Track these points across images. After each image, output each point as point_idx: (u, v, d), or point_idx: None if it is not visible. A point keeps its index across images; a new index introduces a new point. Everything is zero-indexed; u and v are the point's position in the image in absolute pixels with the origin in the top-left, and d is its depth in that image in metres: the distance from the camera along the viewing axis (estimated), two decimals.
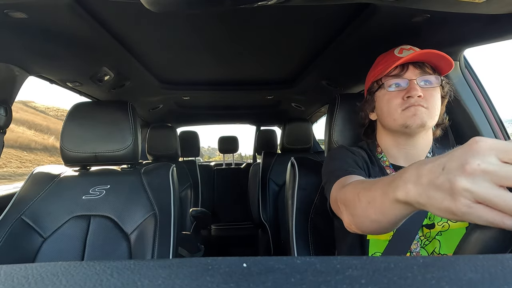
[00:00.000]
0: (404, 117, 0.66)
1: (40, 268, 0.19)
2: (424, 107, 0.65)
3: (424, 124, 0.65)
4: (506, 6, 0.55)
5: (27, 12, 0.67)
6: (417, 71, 0.67)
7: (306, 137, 1.86)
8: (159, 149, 1.88)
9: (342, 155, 0.71)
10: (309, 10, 0.79)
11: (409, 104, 0.65)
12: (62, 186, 0.96)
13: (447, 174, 0.31)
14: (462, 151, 0.30)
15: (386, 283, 0.17)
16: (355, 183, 0.52)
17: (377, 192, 0.42)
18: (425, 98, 0.65)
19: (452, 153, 0.32)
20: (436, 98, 0.67)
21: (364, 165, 0.69)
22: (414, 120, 0.65)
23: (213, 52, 1.12)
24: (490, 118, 0.91)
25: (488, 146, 0.28)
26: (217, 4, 0.43)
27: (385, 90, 0.70)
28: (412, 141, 0.69)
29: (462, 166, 0.29)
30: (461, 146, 0.31)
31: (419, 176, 0.34)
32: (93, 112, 0.99)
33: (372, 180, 0.47)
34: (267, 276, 0.18)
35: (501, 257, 0.19)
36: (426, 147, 0.70)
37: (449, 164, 0.31)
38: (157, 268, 0.19)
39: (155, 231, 0.88)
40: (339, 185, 0.59)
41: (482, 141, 0.29)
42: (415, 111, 0.65)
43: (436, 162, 0.33)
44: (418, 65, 0.67)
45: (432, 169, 0.33)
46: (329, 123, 0.91)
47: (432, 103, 0.66)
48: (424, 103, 0.65)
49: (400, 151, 0.71)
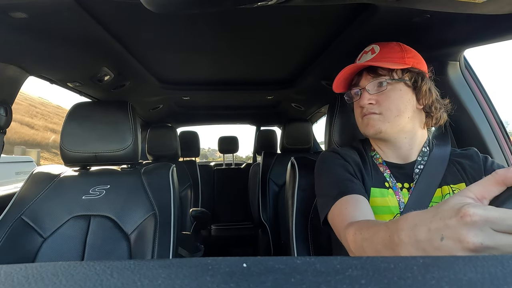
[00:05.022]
0: (362, 126, 0.69)
1: (40, 268, 0.19)
2: (377, 113, 0.65)
3: (378, 131, 0.65)
4: (506, 6, 0.55)
5: (27, 12, 0.67)
6: (369, 77, 0.67)
7: (306, 137, 1.86)
8: (159, 149, 1.88)
9: (334, 166, 0.69)
10: (309, 10, 0.79)
11: (363, 114, 0.67)
12: (62, 186, 0.96)
13: (448, 246, 0.30)
14: (456, 223, 0.30)
15: (386, 283, 0.17)
16: (356, 229, 0.50)
17: (380, 245, 0.42)
18: (378, 103, 0.65)
19: (446, 222, 0.31)
20: (393, 99, 0.64)
21: (356, 170, 0.68)
22: (368, 129, 0.66)
23: (213, 52, 1.12)
24: (490, 118, 0.91)
25: (484, 219, 0.28)
26: (217, 5, 0.43)
27: (352, 100, 0.73)
28: (392, 142, 0.69)
29: (461, 243, 0.29)
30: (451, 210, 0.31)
31: (417, 241, 0.34)
32: (93, 112, 0.99)
33: (373, 228, 0.45)
34: (267, 276, 0.18)
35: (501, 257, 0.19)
36: (417, 143, 0.69)
37: (446, 233, 0.30)
38: (157, 268, 0.19)
39: (155, 231, 0.88)
40: (339, 217, 0.58)
41: (475, 215, 0.28)
42: (368, 121, 0.66)
43: (432, 225, 0.32)
44: (372, 69, 0.66)
45: (431, 237, 0.32)
46: (329, 123, 0.91)
47: (387, 106, 0.64)
48: (377, 109, 0.65)
49: (390, 149, 0.71)
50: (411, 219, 0.36)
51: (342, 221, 0.57)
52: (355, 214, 0.56)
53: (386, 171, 0.69)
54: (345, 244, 0.54)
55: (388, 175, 0.68)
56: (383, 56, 0.67)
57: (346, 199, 0.60)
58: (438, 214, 0.32)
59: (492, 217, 0.28)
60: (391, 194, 0.66)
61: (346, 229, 0.53)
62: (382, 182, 0.68)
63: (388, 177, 0.68)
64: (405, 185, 0.67)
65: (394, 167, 0.69)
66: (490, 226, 0.28)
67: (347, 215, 0.57)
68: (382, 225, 0.43)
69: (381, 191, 0.67)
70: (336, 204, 0.61)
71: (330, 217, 0.62)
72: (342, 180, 0.65)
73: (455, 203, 0.31)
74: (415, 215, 0.36)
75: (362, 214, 0.56)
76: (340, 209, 0.59)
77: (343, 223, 0.55)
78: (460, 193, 0.33)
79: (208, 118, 2.59)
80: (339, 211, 0.59)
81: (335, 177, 0.66)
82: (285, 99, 1.87)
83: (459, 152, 0.71)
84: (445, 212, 0.31)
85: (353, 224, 0.52)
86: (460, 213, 0.29)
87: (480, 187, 0.32)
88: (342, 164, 0.69)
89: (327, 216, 0.63)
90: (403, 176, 0.68)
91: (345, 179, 0.65)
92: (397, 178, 0.68)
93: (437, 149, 0.70)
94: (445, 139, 0.72)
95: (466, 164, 0.67)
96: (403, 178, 0.68)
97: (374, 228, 0.45)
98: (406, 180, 0.67)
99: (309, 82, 1.41)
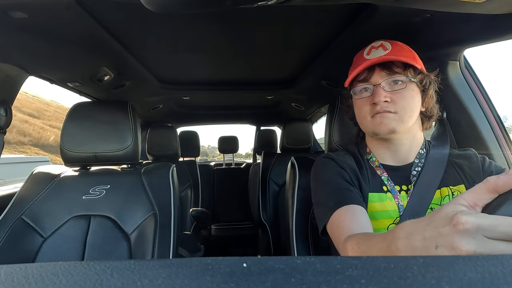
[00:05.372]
0: (373, 125, 0.65)
1: (40, 268, 0.19)
2: (392, 112, 0.62)
3: (393, 130, 0.62)
4: (506, 6, 0.55)
5: (27, 12, 0.67)
6: (383, 73, 0.63)
7: (306, 137, 1.86)
8: (159, 149, 1.88)
9: (330, 174, 0.68)
10: (309, 10, 0.79)
11: (375, 112, 0.63)
12: (62, 186, 0.96)
13: (442, 254, 0.30)
14: (449, 231, 0.30)
15: (386, 283, 0.17)
16: (354, 244, 0.50)
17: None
18: (393, 101, 0.62)
19: (440, 230, 0.31)
20: (407, 98, 0.63)
21: (353, 177, 0.67)
22: (381, 128, 0.63)
23: (213, 52, 1.12)
24: (490, 118, 0.91)
25: (476, 227, 0.28)
26: (217, 4, 0.43)
27: (356, 96, 0.68)
28: (394, 143, 0.67)
29: (455, 250, 0.29)
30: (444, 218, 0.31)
31: (413, 249, 0.34)
32: (93, 112, 0.99)
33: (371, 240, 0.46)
34: (267, 276, 0.18)
35: (501, 257, 0.19)
36: (415, 145, 0.68)
37: (440, 241, 0.31)
38: (157, 268, 0.19)
39: (155, 231, 0.88)
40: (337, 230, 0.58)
41: (467, 223, 0.28)
42: (381, 119, 0.63)
43: (427, 234, 0.33)
44: (386, 65, 0.63)
45: (425, 245, 0.33)
46: (329, 123, 0.91)
47: (402, 105, 0.62)
48: (392, 108, 0.62)
49: (387, 152, 0.69)
50: (407, 228, 0.36)
51: (340, 234, 0.57)
52: (352, 227, 0.56)
53: (383, 174, 0.68)
54: (342, 253, 0.54)
55: (386, 178, 0.67)
56: (398, 54, 0.64)
57: (344, 210, 0.59)
58: (432, 222, 0.32)
59: (484, 224, 0.28)
60: (389, 198, 0.65)
61: (344, 243, 0.53)
62: (379, 186, 0.67)
63: (386, 180, 0.67)
64: (403, 187, 0.66)
65: (391, 170, 0.68)
66: (483, 234, 0.28)
67: (345, 228, 0.56)
68: (379, 237, 0.43)
69: (379, 195, 0.66)
70: (334, 215, 0.60)
71: (328, 228, 0.62)
72: (338, 189, 0.64)
73: (448, 211, 0.31)
74: (411, 223, 0.36)
75: (359, 227, 0.56)
76: (338, 222, 0.59)
77: (341, 237, 0.56)
78: (453, 201, 0.33)
79: (208, 118, 2.59)
80: (337, 224, 0.59)
81: (331, 186, 0.66)
82: (285, 99, 1.87)
83: (457, 153, 0.70)
84: (439, 221, 0.32)
85: (351, 238, 0.52)
86: (453, 221, 0.30)
87: (473, 195, 0.32)
88: (338, 171, 0.68)
89: (325, 226, 0.63)
90: (400, 178, 0.67)
91: (342, 187, 0.64)
92: (395, 181, 0.67)
93: (434, 150, 0.69)
94: (443, 140, 0.72)
95: (465, 165, 0.66)
96: (401, 180, 0.67)
97: (372, 241, 0.45)
98: (403, 183, 0.67)
99: (309, 82, 1.41)
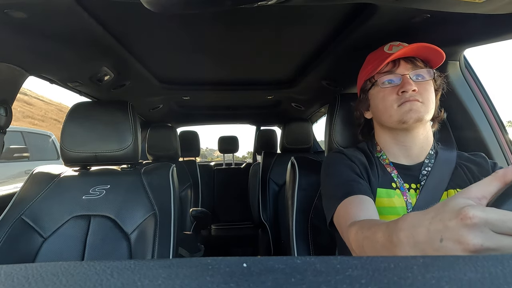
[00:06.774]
0: (400, 113, 0.66)
1: (40, 268, 0.19)
2: (420, 102, 0.65)
3: (421, 118, 0.64)
4: (506, 6, 0.55)
5: (27, 12, 0.67)
6: (408, 66, 0.67)
7: (306, 137, 1.86)
8: (159, 149, 1.88)
9: (340, 167, 0.70)
10: (309, 10, 0.79)
11: (405, 100, 0.65)
12: (62, 186, 0.96)
13: (447, 248, 0.30)
14: (456, 225, 0.30)
15: (386, 283, 0.17)
16: (358, 228, 0.50)
17: (378, 244, 0.42)
18: (419, 92, 0.65)
19: (446, 223, 0.31)
20: (430, 92, 0.66)
21: (362, 171, 0.69)
22: (411, 115, 0.64)
23: (213, 52, 1.12)
24: (490, 118, 0.91)
25: (483, 221, 0.28)
26: (217, 4, 0.43)
27: (379, 87, 0.69)
28: (410, 137, 0.68)
29: (461, 244, 0.29)
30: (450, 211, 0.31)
31: (416, 242, 0.34)
32: (93, 112, 0.99)
33: (374, 227, 0.45)
34: (267, 276, 0.18)
35: (501, 257, 0.19)
36: (427, 145, 0.70)
37: (446, 235, 0.31)
38: (157, 268, 0.19)
39: (155, 231, 0.88)
40: (344, 217, 0.58)
41: (475, 217, 0.28)
42: (411, 106, 0.64)
43: (431, 227, 0.32)
44: (409, 60, 0.67)
45: (430, 238, 0.32)
46: (329, 123, 0.91)
47: (427, 97, 0.66)
48: (419, 97, 0.65)
49: (400, 149, 0.70)
50: (410, 219, 0.36)
51: (346, 221, 0.57)
52: (359, 214, 0.56)
53: (393, 172, 0.69)
54: (348, 243, 0.54)
55: (396, 175, 0.68)
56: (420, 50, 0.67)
57: (351, 200, 0.60)
58: (438, 215, 0.32)
59: (492, 219, 0.28)
60: (398, 194, 0.66)
61: (349, 228, 0.53)
62: (389, 182, 0.67)
63: (396, 177, 0.68)
64: (412, 185, 0.67)
65: (401, 168, 0.69)
66: (490, 228, 0.28)
67: (351, 215, 0.57)
68: (383, 225, 0.43)
69: (387, 191, 0.66)
70: (341, 204, 0.61)
71: (335, 218, 0.62)
72: (347, 181, 0.65)
73: (455, 205, 0.31)
74: (414, 215, 0.36)
75: (366, 214, 0.56)
76: (345, 210, 0.59)
77: (347, 223, 0.56)
78: (459, 194, 0.33)
79: (208, 118, 2.59)
80: (344, 211, 0.59)
81: (341, 178, 0.66)
82: (285, 99, 1.87)
83: (467, 157, 0.71)
84: (445, 214, 0.31)
85: (356, 223, 0.52)
86: (460, 215, 0.29)
87: (480, 187, 0.32)
88: (348, 164, 0.69)
89: (333, 217, 0.63)
90: (410, 177, 0.68)
91: (351, 179, 0.65)
92: (404, 179, 0.68)
93: (442, 152, 0.70)
94: (450, 143, 0.74)
95: (475, 169, 0.68)
96: (410, 179, 0.68)
97: (375, 227, 0.45)
98: (413, 181, 0.67)
99: (309, 82, 1.41)
